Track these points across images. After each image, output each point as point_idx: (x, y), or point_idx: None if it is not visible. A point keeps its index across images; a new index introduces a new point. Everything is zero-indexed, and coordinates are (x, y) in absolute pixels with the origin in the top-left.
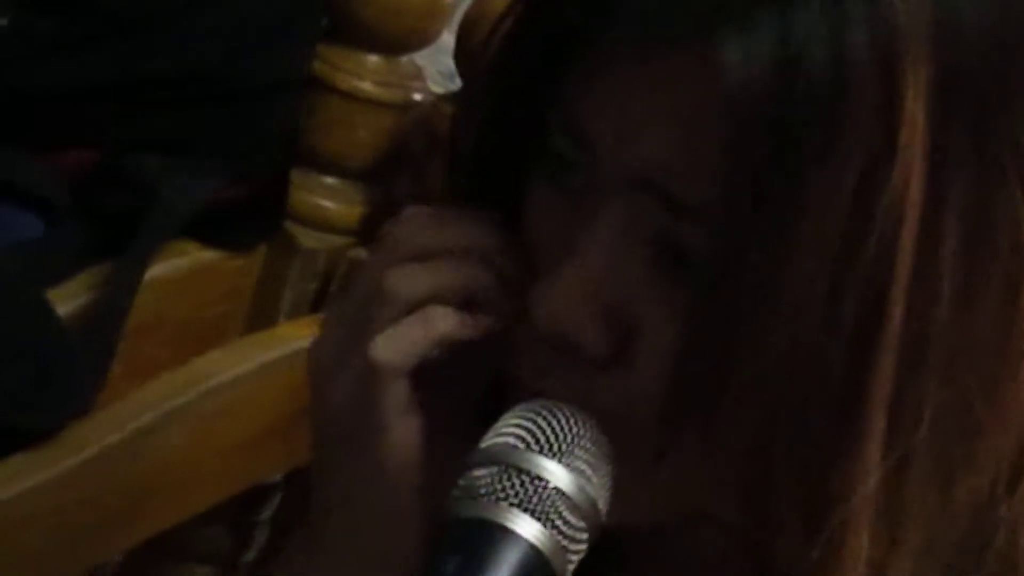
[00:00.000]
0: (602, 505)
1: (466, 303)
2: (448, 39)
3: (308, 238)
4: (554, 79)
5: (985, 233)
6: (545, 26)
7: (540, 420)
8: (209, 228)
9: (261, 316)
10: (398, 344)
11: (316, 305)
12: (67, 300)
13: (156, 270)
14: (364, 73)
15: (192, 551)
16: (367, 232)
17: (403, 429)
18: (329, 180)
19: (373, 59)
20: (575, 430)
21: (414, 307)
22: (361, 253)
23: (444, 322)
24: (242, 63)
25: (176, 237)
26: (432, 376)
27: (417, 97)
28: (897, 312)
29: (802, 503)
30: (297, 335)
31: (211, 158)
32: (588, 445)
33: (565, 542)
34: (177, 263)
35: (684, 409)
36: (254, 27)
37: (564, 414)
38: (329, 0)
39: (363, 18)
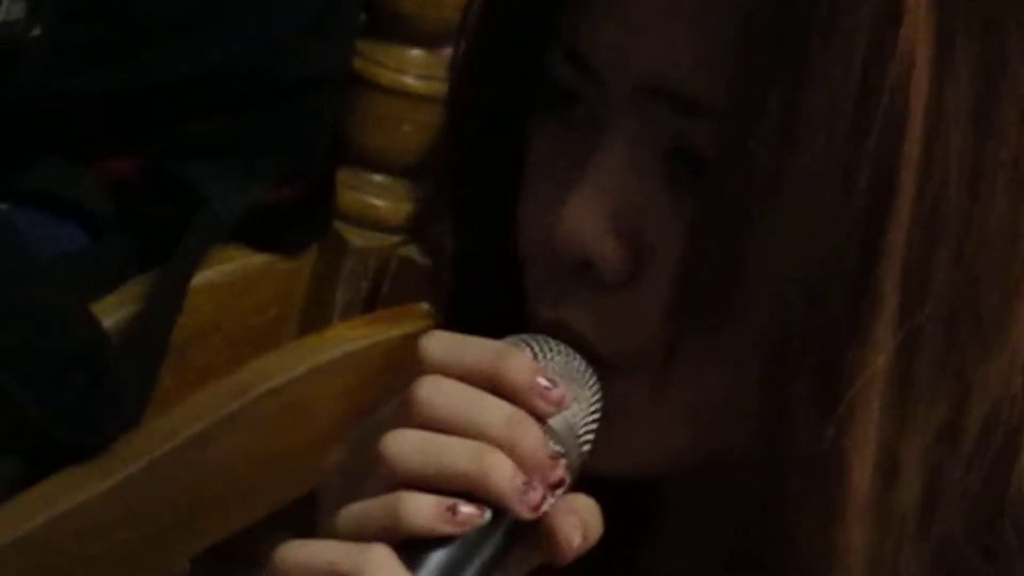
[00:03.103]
0: (582, 432)
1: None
2: None
3: (358, 237)
4: (547, 8)
5: (991, 110)
6: None
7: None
8: (258, 232)
9: (314, 318)
10: (362, 523)
11: (369, 305)
12: (113, 311)
13: (206, 277)
14: (406, 68)
15: (260, 558)
16: (417, 229)
17: None
18: (377, 178)
19: (415, 53)
20: (548, 355)
21: (402, 483)
22: (412, 251)
23: (415, 515)
24: (280, 62)
25: (224, 242)
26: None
27: None
28: (908, 187)
29: (817, 384)
30: (350, 336)
31: (255, 160)
32: (562, 371)
33: None
34: (227, 269)
35: (695, 310)
36: (289, 25)
37: (538, 341)
38: None
39: (402, 11)
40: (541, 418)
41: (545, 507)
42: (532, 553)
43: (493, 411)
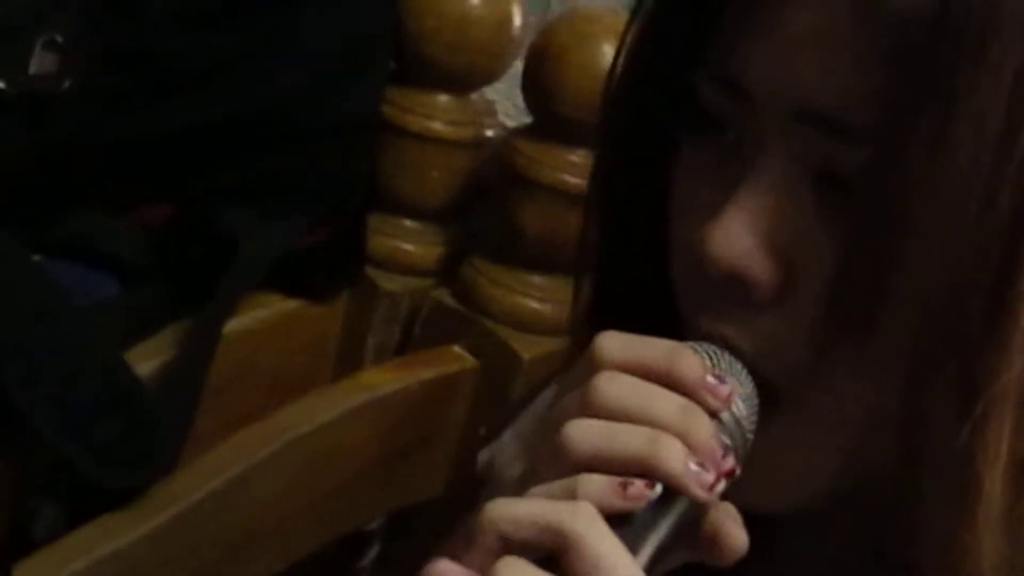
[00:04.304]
0: (748, 428)
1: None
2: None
3: (389, 282)
4: (700, 36)
5: None
6: None
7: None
8: (290, 278)
9: (347, 362)
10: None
11: (401, 348)
12: (148, 358)
13: (239, 322)
14: (434, 113)
15: None
16: (448, 272)
17: None
18: (407, 222)
19: (442, 98)
20: (713, 357)
21: (582, 467)
22: (443, 294)
23: (591, 492)
24: (311, 107)
25: (257, 288)
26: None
27: (489, 133)
28: None
29: (954, 392)
30: (382, 379)
31: (288, 206)
32: (728, 370)
33: None
34: (260, 315)
35: (846, 326)
36: (321, 70)
37: (702, 345)
38: (395, 41)
39: (429, 57)
40: (711, 413)
41: (718, 491)
42: (694, 553)
43: (667, 402)
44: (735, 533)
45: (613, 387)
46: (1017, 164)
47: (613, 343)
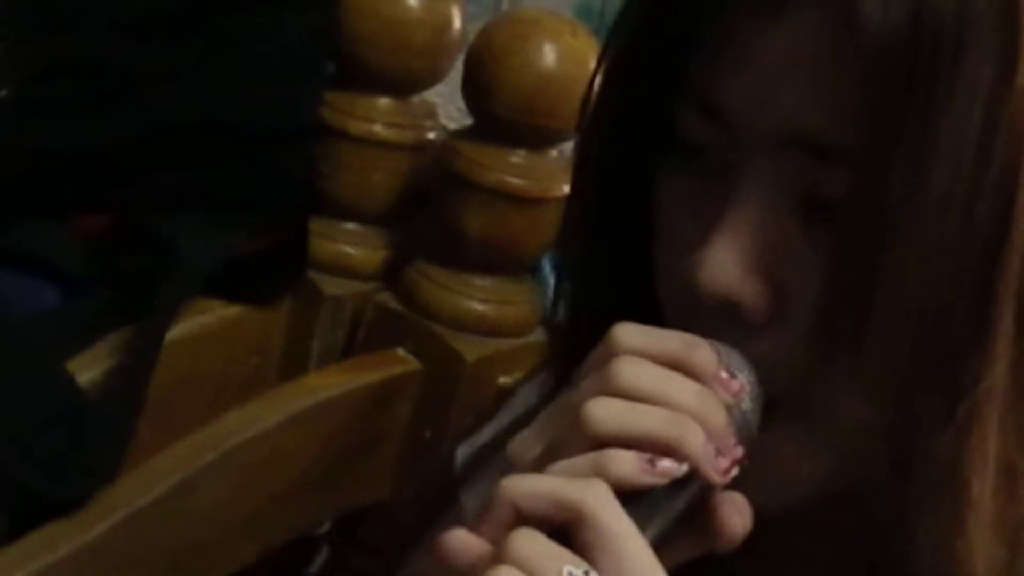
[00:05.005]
0: (753, 424)
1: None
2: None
3: (333, 286)
4: (678, 64)
5: None
6: (665, 9)
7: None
8: (233, 283)
9: (292, 367)
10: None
11: (345, 352)
12: (89, 367)
13: (182, 329)
14: (375, 116)
15: None
16: (391, 275)
17: None
18: (349, 226)
19: (383, 102)
20: (724, 354)
21: (603, 443)
22: (387, 297)
23: (619, 467)
24: (251, 115)
25: (199, 295)
26: None
27: (431, 136)
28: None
29: (943, 397)
30: (325, 383)
31: (230, 212)
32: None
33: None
34: (202, 321)
35: (838, 341)
36: (260, 78)
37: (714, 344)
38: (334, 46)
39: (369, 61)
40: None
41: (730, 476)
42: (693, 541)
43: (686, 387)
44: (737, 519)
45: (634, 369)
46: (994, 177)
47: (630, 332)
